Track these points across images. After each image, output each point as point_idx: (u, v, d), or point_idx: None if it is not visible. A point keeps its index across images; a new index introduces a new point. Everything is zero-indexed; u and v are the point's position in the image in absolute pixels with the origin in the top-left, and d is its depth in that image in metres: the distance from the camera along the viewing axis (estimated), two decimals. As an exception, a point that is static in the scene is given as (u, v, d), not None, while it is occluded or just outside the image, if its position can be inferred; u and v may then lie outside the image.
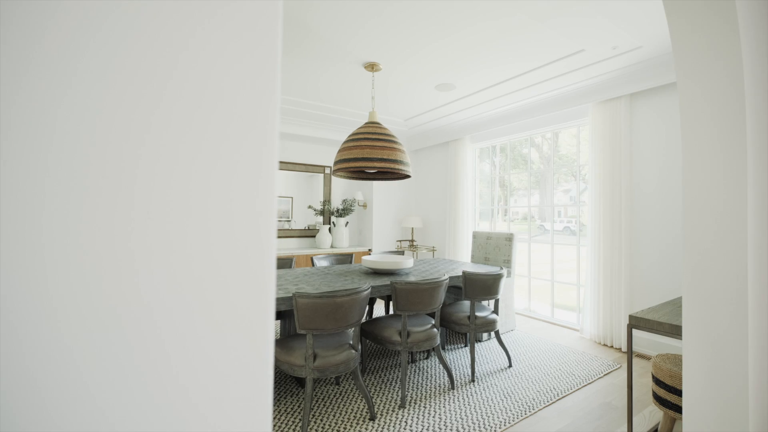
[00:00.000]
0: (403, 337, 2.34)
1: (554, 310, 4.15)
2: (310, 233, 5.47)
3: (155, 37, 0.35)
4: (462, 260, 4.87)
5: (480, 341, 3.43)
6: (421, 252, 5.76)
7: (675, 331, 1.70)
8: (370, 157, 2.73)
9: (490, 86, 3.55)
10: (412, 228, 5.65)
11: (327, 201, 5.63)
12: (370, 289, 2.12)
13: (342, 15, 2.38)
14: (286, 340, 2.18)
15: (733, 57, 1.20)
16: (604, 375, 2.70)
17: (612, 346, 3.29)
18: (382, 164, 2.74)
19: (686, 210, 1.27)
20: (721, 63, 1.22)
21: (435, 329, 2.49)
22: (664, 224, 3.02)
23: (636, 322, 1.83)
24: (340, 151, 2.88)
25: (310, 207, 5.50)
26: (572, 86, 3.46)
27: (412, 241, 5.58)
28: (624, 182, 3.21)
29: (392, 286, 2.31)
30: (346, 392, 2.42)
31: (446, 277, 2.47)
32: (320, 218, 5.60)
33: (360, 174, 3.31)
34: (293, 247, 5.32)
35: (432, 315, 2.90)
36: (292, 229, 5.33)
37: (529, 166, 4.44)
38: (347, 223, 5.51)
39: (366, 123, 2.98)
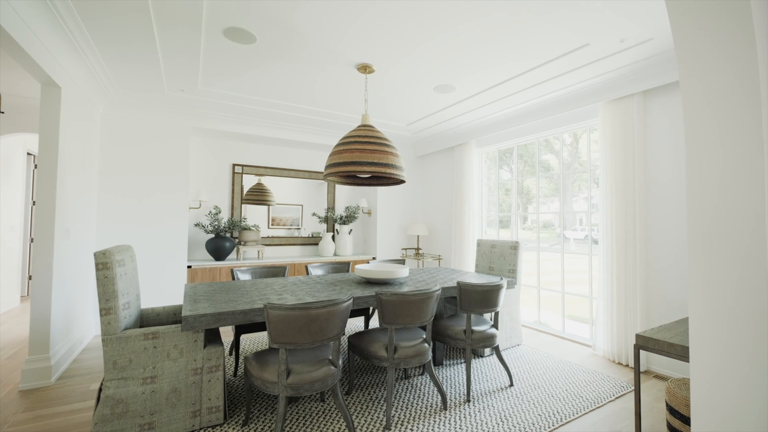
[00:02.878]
0: (390, 353, 2.17)
1: (565, 323, 3.88)
2: (313, 241, 5.39)
3: None
4: (467, 269, 4.66)
5: (482, 356, 3.21)
6: (427, 260, 5.58)
7: (688, 354, 1.47)
8: (360, 161, 2.61)
9: (492, 86, 3.39)
10: (418, 236, 5.49)
11: (331, 208, 5.54)
12: (351, 301, 1.98)
13: (328, 15, 2.29)
14: (262, 353, 2.06)
15: (745, 40, 1.02)
16: (616, 398, 2.45)
17: (627, 365, 3.01)
18: (372, 168, 2.62)
19: (691, 215, 1.09)
20: (730, 49, 1.04)
21: (426, 344, 2.32)
22: (683, 231, 2.75)
23: (644, 343, 1.62)
24: (330, 155, 2.78)
25: (314, 214, 5.43)
26: (579, 85, 3.25)
27: (418, 249, 5.41)
28: (638, 186, 2.97)
29: (377, 297, 2.16)
30: (329, 410, 2.27)
31: (438, 287, 2.30)
32: (324, 226, 5.52)
33: (353, 179, 3.19)
34: (296, 255, 5.25)
35: (424, 328, 2.73)
36: (295, 237, 5.26)
37: (538, 172, 4.22)
38: (351, 230, 5.40)
39: (358, 126, 2.87)
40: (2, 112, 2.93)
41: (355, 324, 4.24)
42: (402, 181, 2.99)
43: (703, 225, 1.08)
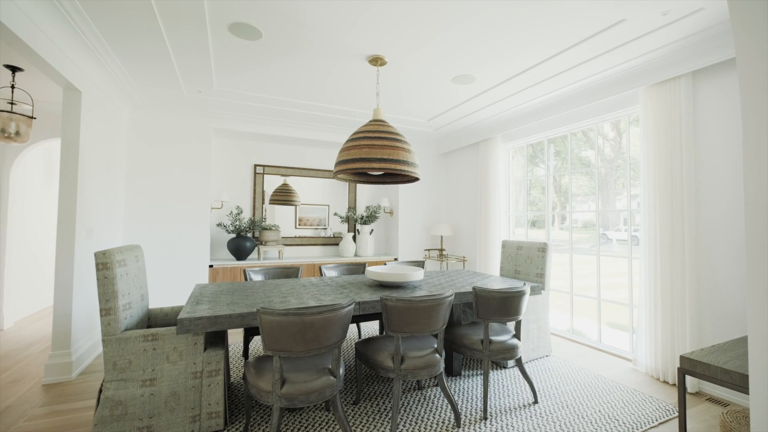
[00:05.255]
0: (396, 363, 2.01)
1: (602, 333, 3.52)
2: (335, 241, 5.32)
3: None
4: (492, 272, 4.39)
5: (504, 368, 2.97)
6: (451, 262, 5.34)
7: (747, 384, 1.19)
8: (368, 158, 2.47)
9: (515, 75, 3.13)
10: (441, 236, 5.27)
11: (352, 208, 5.45)
12: (351, 306, 1.84)
13: (334, 6, 2.18)
14: (262, 359, 1.98)
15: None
16: (659, 424, 2.13)
17: (674, 384, 2.65)
18: (382, 165, 2.47)
19: (750, 212, 0.84)
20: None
21: (437, 355, 2.13)
22: (742, 233, 2.37)
23: (690, 367, 1.34)
24: (340, 151, 2.66)
25: (335, 214, 5.37)
26: (615, 68, 2.91)
27: (442, 250, 5.19)
28: (686, 181, 2.60)
29: (382, 302, 2.01)
30: (333, 420, 2.14)
31: (450, 293, 2.11)
32: (346, 226, 5.44)
33: (365, 177, 3.06)
34: (317, 255, 5.20)
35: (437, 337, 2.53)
36: (317, 237, 5.21)
37: (570, 168, 3.87)
38: (372, 230, 5.28)
39: (369, 121, 2.74)
40: (34, 118, 3.07)
41: (372, 327, 4.11)
42: (416, 179, 2.82)
43: (765, 224, 0.83)
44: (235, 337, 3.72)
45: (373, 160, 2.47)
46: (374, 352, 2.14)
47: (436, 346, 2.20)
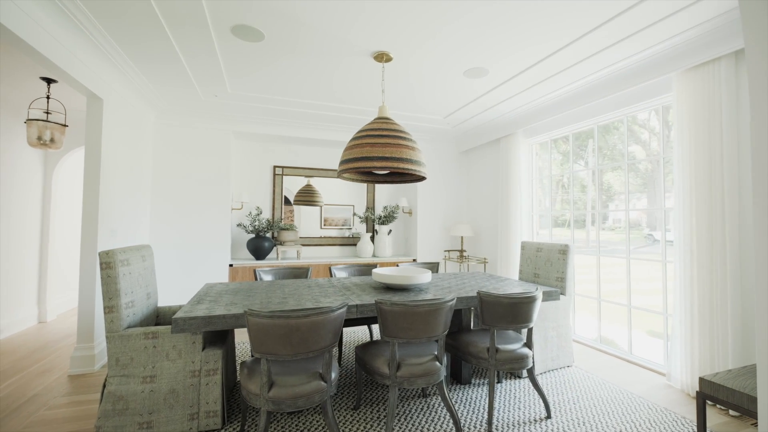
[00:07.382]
0: (392, 370, 1.93)
1: (633, 343, 3.23)
2: (353, 242, 5.30)
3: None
4: (512, 275, 4.17)
5: (518, 377, 2.79)
6: (471, 264, 5.16)
7: (780, 417, 1.00)
8: (370, 156, 2.40)
9: (531, 66, 2.93)
10: (462, 237, 5.09)
11: (370, 208, 5.41)
12: (343, 309, 1.78)
13: (333, 4, 2.13)
14: (256, 362, 1.96)
15: None
16: (689, 450, 1.89)
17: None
18: (383, 163, 2.39)
19: (758, 207, 0.69)
20: None
21: (437, 362, 2.02)
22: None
23: (711, 391, 1.16)
24: (343, 150, 2.62)
25: (355, 214, 5.35)
26: (641, 54, 2.64)
27: (462, 251, 5.02)
28: (728, 176, 2.31)
29: (377, 306, 1.93)
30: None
31: (452, 297, 2.00)
32: (365, 226, 5.41)
33: (371, 176, 2.99)
34: (335, 255, 5.21)
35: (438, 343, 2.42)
36: (339, 237, 5.22)
37: (597, 162, 3.57)
38: (390, 231, 5.20)
39: (374, 119, 2.67)
40: (66, 125, 3.29)
41: (387, 329, 4.03)
42: (422, 178, 2.72)
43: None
44: (246, 336, 3.79)
45: (375, 158, 2.39)
46: (371, 357, 2.07)
47: (436, 352, 2.09)
